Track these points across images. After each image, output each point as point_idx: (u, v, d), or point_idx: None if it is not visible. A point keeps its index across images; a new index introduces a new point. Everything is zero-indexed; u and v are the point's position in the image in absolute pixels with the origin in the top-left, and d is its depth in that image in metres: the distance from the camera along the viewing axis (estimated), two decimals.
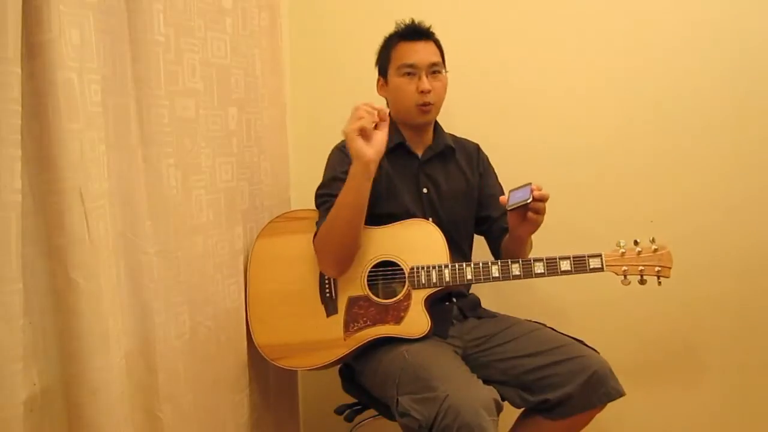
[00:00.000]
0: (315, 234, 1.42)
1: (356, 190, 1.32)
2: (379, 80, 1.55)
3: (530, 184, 1.30)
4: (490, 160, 1.66)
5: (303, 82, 1.91)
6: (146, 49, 1.15)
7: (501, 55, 1.78)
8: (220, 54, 1.40)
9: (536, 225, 1.34)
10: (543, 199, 1.30)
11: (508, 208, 1.32)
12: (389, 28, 1.84)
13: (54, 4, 0.91)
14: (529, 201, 1.28)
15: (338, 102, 1.89)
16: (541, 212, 1.32)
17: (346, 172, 1.41)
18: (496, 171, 1.65)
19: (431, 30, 1.51)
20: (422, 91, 1.44)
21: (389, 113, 1.32)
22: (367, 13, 1.88)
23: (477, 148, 1.64)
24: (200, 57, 1.31)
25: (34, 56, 0.91)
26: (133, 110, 1.15)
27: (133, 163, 1.15)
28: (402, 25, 1.51)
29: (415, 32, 1.49)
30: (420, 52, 1.47)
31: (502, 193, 1.55)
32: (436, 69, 1.48)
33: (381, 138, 1.31)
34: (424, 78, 1.45)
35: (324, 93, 1.92)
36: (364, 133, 1.28)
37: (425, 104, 1.45)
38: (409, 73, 1.46)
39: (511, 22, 1.79)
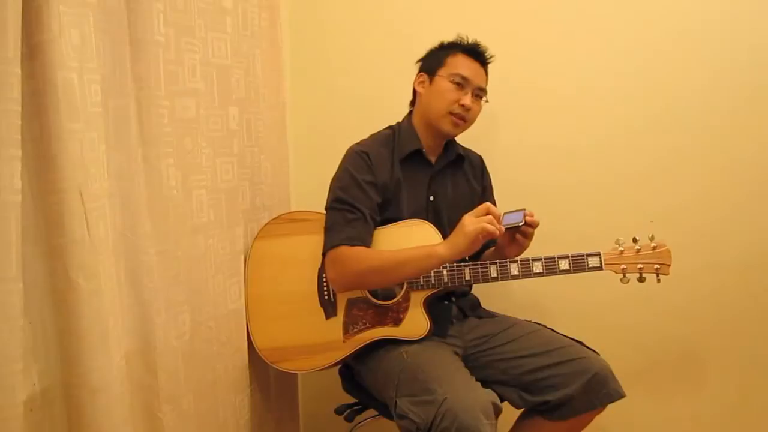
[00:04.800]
0: (334, 244, 1.37)
1: (431, 267, 1.34)
2: (421, 75, 1.53)
3: (524, 209, 1.36)
4: (492, 160, 1.67)
5: (303, 82, 1.91)
6: (146, 49, 1.15)
7: (501, 56, 1.77)
8: (221, 54, 1.40)
9: (522, 248, 1.41)
10: (533, 225, 1.37)
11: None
12: (389, 29, 1.85)
13: (54, 4, 0.91)
14: (521, 224, 1.34)
15: (338, 102, 1.91)
16: (528, 237, 1.39)
17: (368, 182, 1.41)
18: (497, 172, 1.66)
19: (491, 59, 1.53)
20: (463, 105, 1.44)
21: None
22: (366, 13, 1.88)
23: (481, 160, 1.65)
24: (200, 57, 1.31)
25: (34, 56, 0.91)
26: (133, 110, 1.15)
27: (133, 163, 1.15)
28: (467, 40, 1.52)
29: (479, 53, 1.50)
30: (477, 72, 1.48)
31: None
32: (480, 94, 1.50)
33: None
34: (470, 94, 1.46)
35: (324, 93, 1.92)
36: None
37: (459, 116, 1.46)
38: (459, 84, 1.45)
39: (511, 23, 1.79)
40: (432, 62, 1.51)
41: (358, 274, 1.37)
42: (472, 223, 1.28)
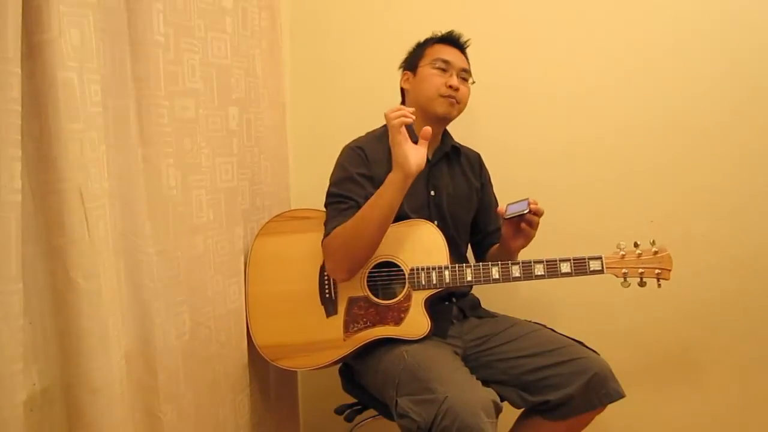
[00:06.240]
0: (326, 235, 1.40)
1: (392, 197, 1.31)
2: (405, 74, 1.57)
3: (528, 198, 1.37)
4: (493, 160, 1.67)
5: (303, 82, 1.91)
6: (146, 49, 1.15)
7: (501, 56, 1.78)
8: (221, 54, 1.40)
9: (528, 238, 1.41)
10: (538, 213, 1.38)
11: (506, 217, 1.39)
12: (389, 29, 1.85)
13: (54, 4, 0.91)
14: (525, 212, 1.35)
15: (338, 102, 1.91)
16: (534, 226, 1.39)
17: (362, 174, 1.42)
18: (498, 172, 1.67)
19: (467, 44, 1.56)
20: (451, 86, 1.47)
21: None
22: (366, 13, 1.88)
23: (479, 156, 1.66)
24: (200, 57, 1.31)
25: (34, 56, 0.91)
26: (133, 110, 1.15)
27: (133, 163, 1.15)
28: (440, 33, 1.56)
29: (454, 39, 1.54)
30: (456, 56, 1.52)
31: (497, 206, 1.60)
32: (465, 75, 1.52)
33: (423, 153, 1.32)
34: (455, 76, 1.48)
35: (324, 93, 1.92)
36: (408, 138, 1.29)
37: (450, 98, 1.48)
38: (441, 68, 1.48)
39: (511, 22, 1.79)
40: (412, 59, 1.56)
41: (344, 249, 1.36)
42: (390, 128, 1.30)
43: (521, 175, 1.78)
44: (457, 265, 1.39)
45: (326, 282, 1.45)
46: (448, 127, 1.58)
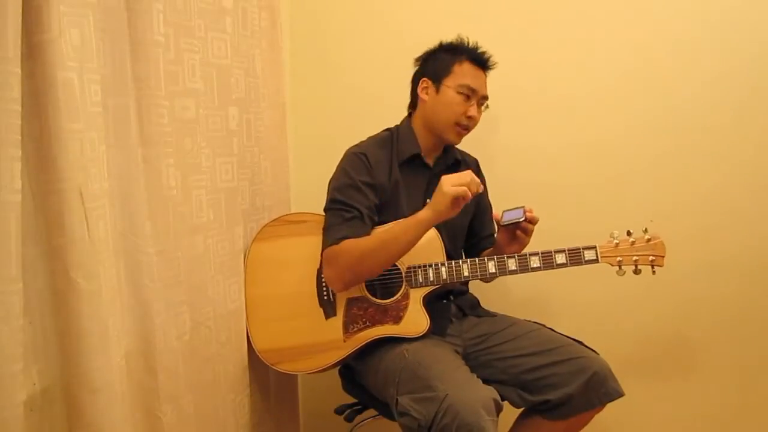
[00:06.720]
0: (331, 242, 1.38)
1: (417, 234, 1.33)
2: (425, 81, 1.50)
3: (523, 206, 1.38)
4: (491, 160, 1.67)
5: (303, 82, 1.91)
6: (146, 49, 1.15)
7: (501, 56, 1.77)
8: (221, 54, 1.40)
9: (523, 245, 1.43)
10: (533, 221, 1.39)
11: (502, 224, 1.40)
12: (389, 29, 1.85)
13: (54, 4, 0.91)
14: (521, 220, 1.37)
15: (338, 102, 1.91)
16: (528, 233, 1.41)
17: (365, 182, 1.41)
18: (498, 173, 1.68)
19: (494, 66, 1.53)
20: (470, 117, 1.46)
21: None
22: (366, 13, 1.88)
23: (477, 162, 1.66)
24: (200, 57, 1.31)
25: (34, 56, 0.91)
26: (133, 110, 1.15)
27: (133, 163, 1.15)
28: (468, 43, 1.50)
29: (484, 62, 1.50)
30: (482, 81, 1.50)
31: (492, 211, 1.62)
32: (483, 102, 1.51)
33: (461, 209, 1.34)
34: (475, 105, 1.47)
35: (324, 93, 1.92)
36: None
37: (464, 127, 1.48)
38: (466, 96, 1.46)
39: (512, 21, 1.79)
40: (437, 68, 1.49)
41: (352, 264, 1.36)
42: (452, 184, 1.29)
43: (521, 175, 1.78)
44: (453, 260, 1.40)
45: (324, 284, 1.45)
46: None
